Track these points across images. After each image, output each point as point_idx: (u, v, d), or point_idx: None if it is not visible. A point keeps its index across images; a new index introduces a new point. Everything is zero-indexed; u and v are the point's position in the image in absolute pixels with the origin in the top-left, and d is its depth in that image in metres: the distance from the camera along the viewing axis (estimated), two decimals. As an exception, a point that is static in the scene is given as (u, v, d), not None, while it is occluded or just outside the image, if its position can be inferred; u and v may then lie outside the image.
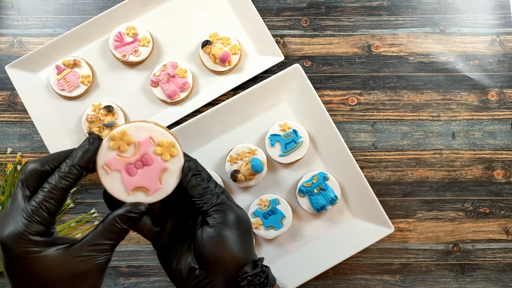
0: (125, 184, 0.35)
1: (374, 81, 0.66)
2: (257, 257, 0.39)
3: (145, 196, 0.36)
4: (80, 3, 0.67)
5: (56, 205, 0.33)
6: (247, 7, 0.64)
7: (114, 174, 0.35)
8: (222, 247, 0.36)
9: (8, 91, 0.65)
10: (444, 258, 0.62)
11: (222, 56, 0.62)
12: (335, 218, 0.62)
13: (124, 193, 0.35)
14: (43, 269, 0.32)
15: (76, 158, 0.33)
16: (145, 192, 0.36)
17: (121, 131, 0.35)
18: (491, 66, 0.66)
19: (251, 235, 0.39)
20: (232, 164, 0.60)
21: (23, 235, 0.32)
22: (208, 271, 0.36)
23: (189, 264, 0.37)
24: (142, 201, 0.36)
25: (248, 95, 0.61)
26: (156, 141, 0.36)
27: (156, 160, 0.36)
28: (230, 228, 0.37)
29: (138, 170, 0.35)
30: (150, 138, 0.35)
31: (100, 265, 0.34)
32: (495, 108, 0.65)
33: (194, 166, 0.37)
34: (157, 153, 0.36)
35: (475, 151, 0.64)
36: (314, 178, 0.60)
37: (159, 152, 0.36)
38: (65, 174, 0.33)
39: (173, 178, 0.36)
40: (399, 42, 0.66)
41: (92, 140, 0.34)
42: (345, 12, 0.67)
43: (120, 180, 0.35)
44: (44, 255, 0.32)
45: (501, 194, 0.63)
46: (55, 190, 0.32)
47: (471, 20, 0.67)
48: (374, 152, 0.65)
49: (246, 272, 0.36)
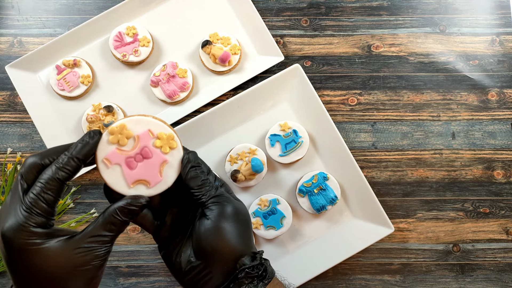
0: (125, 178, 0.35)
1: (374, 81, 0.66)
2: (256, 250, 0.39)
3: (146, 189, 0.36)
4: (80, 3, 0.67)
5: (54, 196, 0.33)
6: (247, 7, 0.64)
7: (114, 168, 0.35)
8: (219, 239, 0.36)
9: (8, 91, 0.65)
10: (444, 258, 0.62)
11: (222, 56, 0.62)
12: (335, 218, 0.62)
13: (125, 186, 0.35)
14: (44, 260, 0.32)
15: (75, 151, 0.33)
16: (146, 185, 0.36)
17: (120, 125, 0.35)
18: (491, 66, 0.66)
19: (250, 228, 0.39)
20: (232, 164, 0.60)
21: (23, 227, 0.32)
22: (206, 263, 0.36)
23: (188, 256, 0.37)
24: (143, 194, 0.36)
25: (248, 95, 0.61)
26: (155, 134, 0.36)
27: (156, 153, 0.36)
28: (228, 220, 0.37)
29: (138, 163, 0.35)
30: (149, 131, 0.36)
31: (100, 257, 0.34)
32: (495, 108, 0.65)
33: (193, 158, 0.37)
34: (156, 146, 0.36)
35: (475, 151, 0.64)
36: (314, 178, 0.60)
37: (159, 145, 0.36)
38: (62, 165, 0.33)
39: (173, 170, 0.36)
40: (399, 42, 0.66)
41: (93, 134, 0.34)
42: (345, 12, 0.67)
43: (120, 173, 0.35)
44: (45, 247, 0.32)
45: (501, 194, 0.63)
46: (52, 181, 0.32)
47: (471, 20, 0.67)
48: (374, 152, 0.65)
49: (244, 264, 0.36)
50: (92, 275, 0.34)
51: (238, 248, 0.37)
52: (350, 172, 0.60)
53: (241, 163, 0.60)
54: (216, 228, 0.36)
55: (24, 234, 0.32)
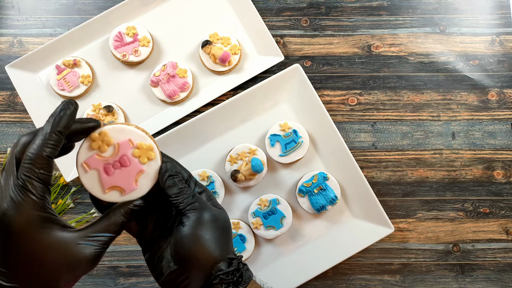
0: (102, 183, 0.36)
1: (374, 81, 0.66)
2: (235, 255, 0.39)
3: (120, 195, 0.37)
4: (80, 3, 0.67)
5: (46, 172, 0.32)
6: (247, 7, 0.64)
7: (92, 173, 0.36)
8: (194, 245, 0.37)
9: (8, 91, 0.65)
10: (444, 258, 0.62)
11: (222, 56, 0.62)
12: (335, 218, 0.62)
13: (100, 191, 0.37)
14: (42, 248, 0.32)
15: (54, 123, 0.33)
16: (121, 191, 0.37)
17: (102, 132, 0.36)
18: (491, 66, 0.66)
19: (228, 234, 0.40)
20: (232, 164, 0.60)
21: (21, 208, 0.31)
22: (182, 268, 0.37)
23: (169, 261, 0.38)
24: (116, 200, 0.37)
25: (248, 95, 0.61)
26: (135, 144, 0.37)
27: (134, 162, 0.37)
28: (204, 226, 0.38)
29: (115, 170, 0.37)
30: (130, 140, 0.37)
31: (96, 256, 0.34)
32: (495, 108, 0.65)
33: (171, 167, 0.38)
34: (135, 155, 0.37)
35: (475, 151, 0.64)
36: (314, 178, 0.60)
37: (137, 155, 0.37)
38: (46, 141, 0.32)
39: (148, 180, 0.37)
40: (399, 42, 0.66)
41: (68, 105, 0.34)
42: (345, 12, 0.67)
43: (97, 178, 0.36)
44: (45, 234, 0.32)
45: (501, 194, 0.63)
46: (40, 158, 0.32)
47: (471, 20, 0.67)
48: (374, 152, 0.65)
49: (220, 269, 0.37)
50: (82, 271, 0.34)
51: (214, 254, 0.37)
52: (350, 172, 0.60)
53: (241, 163, 0.60)
54: (192, 234, 0.37)
55: (22, 216, 0.31)
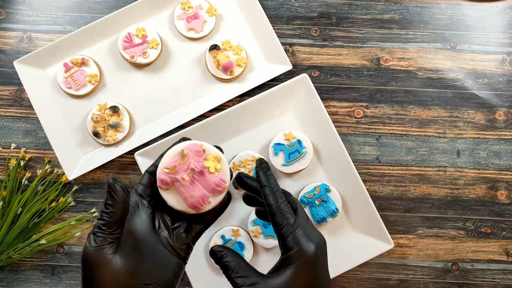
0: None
1: (381, 95, 0.65)
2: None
3: None
4: (91, 1, 0.67)
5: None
6: (257, 14, 0.64)
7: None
8: None
9: (15, 86, 0.65)
10: (442, 276, 0.62)
11: (225, 64, 0.61)
12: (335, 231, 0.62)
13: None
14: None
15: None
16: None
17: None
18: (500, 85, 0.65)
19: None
20: (235, 171, 0.60)
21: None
22: None
23: None
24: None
25: (254, 102, 0.61)
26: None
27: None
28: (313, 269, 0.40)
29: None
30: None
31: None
32: (502, 128, 0.64)
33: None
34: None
35: (479, 170, 0.64)
36: (316, 189, 0.60)
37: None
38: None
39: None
40: (408, 56, 0.66)
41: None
42: (355, 24, 0.66)
43: None
44: None
45: (504, 215, 0.63)
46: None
47: (483, 38, 0.66)
48: (378, 166, 0.64)
49: None
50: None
51: None
52: (353, 185, 0.60)
53: (243, 171, 0.60)
54: None
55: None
